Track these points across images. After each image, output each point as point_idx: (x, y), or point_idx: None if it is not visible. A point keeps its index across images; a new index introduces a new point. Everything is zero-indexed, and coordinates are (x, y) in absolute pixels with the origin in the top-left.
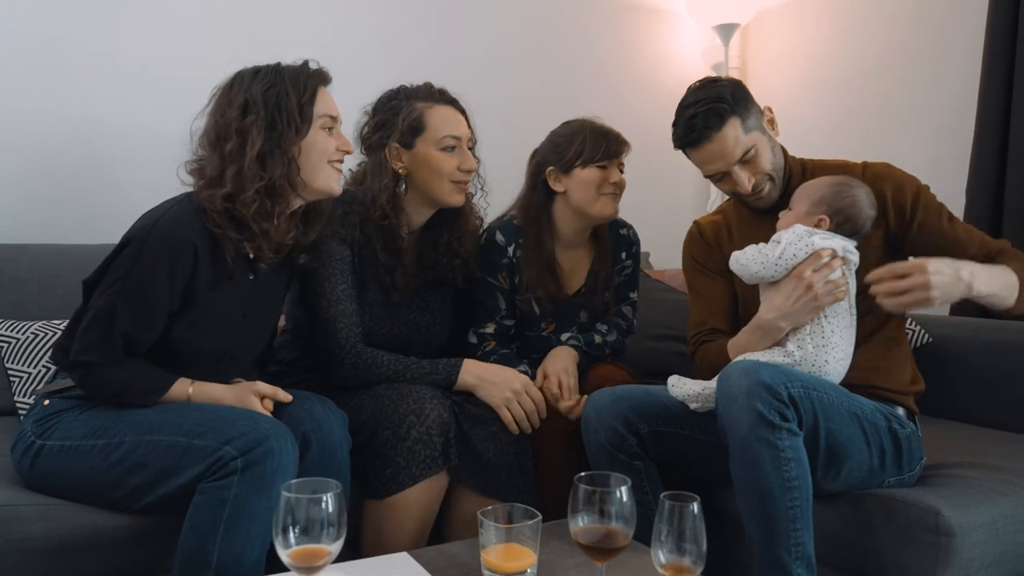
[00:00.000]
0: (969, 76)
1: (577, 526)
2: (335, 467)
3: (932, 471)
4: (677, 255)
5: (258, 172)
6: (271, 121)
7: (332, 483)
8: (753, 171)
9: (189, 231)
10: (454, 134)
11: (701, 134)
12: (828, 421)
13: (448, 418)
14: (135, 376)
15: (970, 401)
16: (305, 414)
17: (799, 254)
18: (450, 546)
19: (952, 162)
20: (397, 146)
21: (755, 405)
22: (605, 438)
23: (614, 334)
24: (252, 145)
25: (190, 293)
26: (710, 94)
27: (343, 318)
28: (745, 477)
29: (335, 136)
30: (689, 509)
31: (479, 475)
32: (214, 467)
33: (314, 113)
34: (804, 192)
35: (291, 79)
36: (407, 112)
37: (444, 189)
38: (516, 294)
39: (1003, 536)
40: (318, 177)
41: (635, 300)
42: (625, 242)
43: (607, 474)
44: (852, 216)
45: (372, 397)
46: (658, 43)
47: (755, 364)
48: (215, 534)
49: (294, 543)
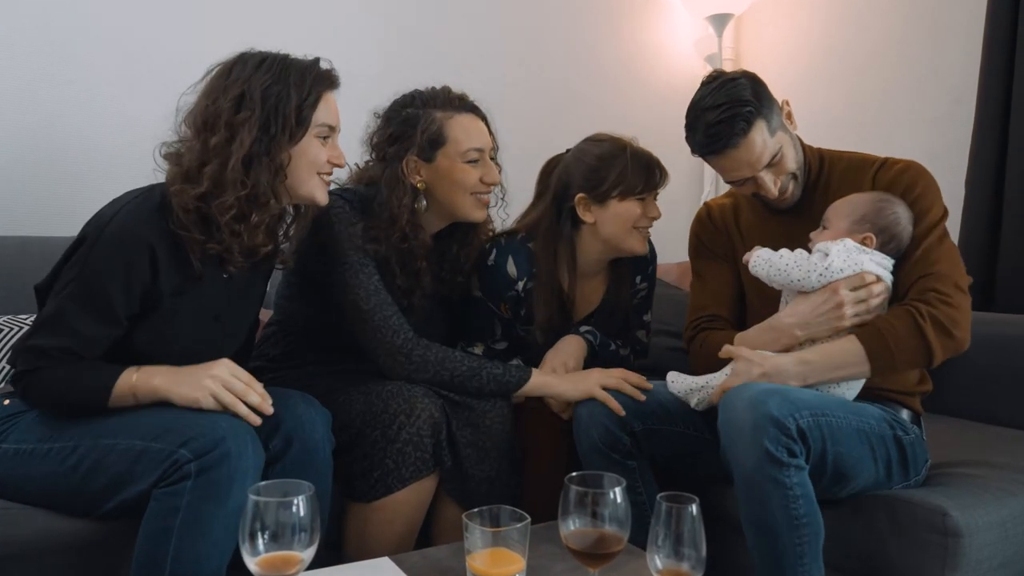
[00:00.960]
0: (968, 65)
1: (568, 530)
2: (316, 467)
3: (938, 470)
4: (670, 249)
5: (241, 177)
6: (265, 122)
7: (304, 485)
8: (779, 173)
9: (146, 231)
10: (477, 146)
11: (728, 142)
12: (836, 445)
13: (440, 417)
14: (79, 374)
15: (976, 398)
16: (287, 412)
17: (846, 269)
18: (435, 550)
19: (951, 152)
20: (416, 159)
21: (762, 442)
22: (597, 437)
23: (627, 350)
24: (240, 145)
25: (152, 298)
26: (732, 95)
27: (389, 306)
28: (751, 512)
29: (329, 146)
30: (688, 511)
31: (459, 484)
32: (169, 471)
33: (313, 120)
34: (841, 209)
35: (296, 78)
36: (426, 123)
37: (466, 204)
38: (516, 322)
39: (1013, 537)
40: (303, 187)
41: (649, 322)
42: (642, 263)
43: (600, 474)
44: (897, 235)
45: (361, 394)
46: (650, 33)
47: (762, 394)
48: (167, 545)
49: (263, 550)
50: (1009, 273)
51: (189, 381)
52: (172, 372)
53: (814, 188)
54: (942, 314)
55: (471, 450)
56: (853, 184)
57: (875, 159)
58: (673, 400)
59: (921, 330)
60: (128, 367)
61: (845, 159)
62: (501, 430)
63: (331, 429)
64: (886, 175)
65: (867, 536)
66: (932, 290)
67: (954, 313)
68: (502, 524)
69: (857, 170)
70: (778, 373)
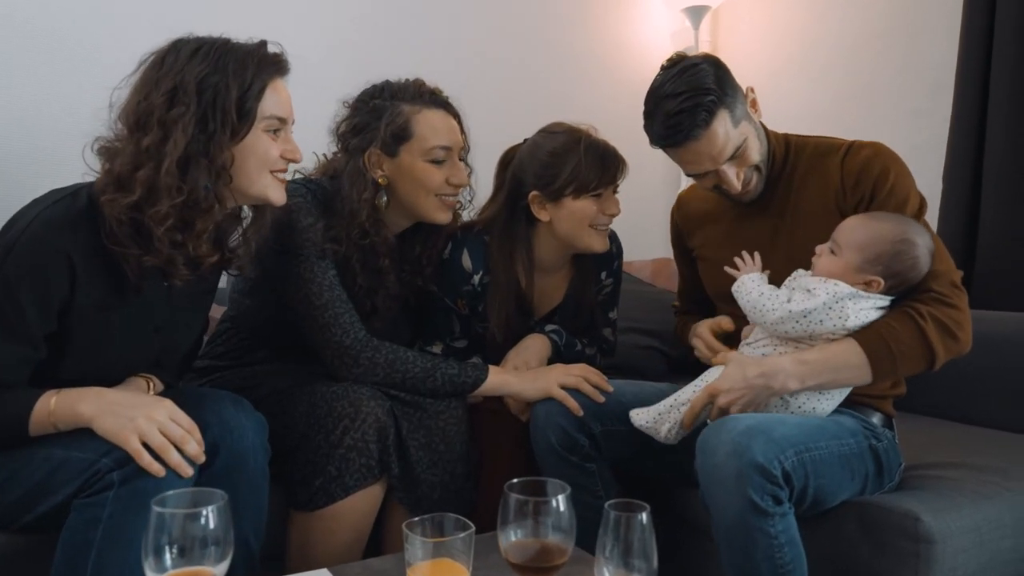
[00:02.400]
0: (946, 58)
1: (508, 541)
2: (247, 477)
3: (912, 472)
4: (646, 246)
5: (176, 182)
6: (202, 118)
7: (217, 494)
8: (741, 165)
9: (63, 239)
10: (444, 144)
11: (688, 133)
12: (819, 479)
13: (387, 421)
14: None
15: (952, 397)
16: (213, 417)
17: (827, 323)
18: (377, 561)
19: (930, 146)
20: (379, 153)
21: (746, 492)
22: (554, 439)
23: (593, 349)
24: (174, 146)
25: (72, 314)
26: (693, 82)
27: (342, 304)
28: (733, 561)
29: (281, 140)
30: (637, 519)
31: (409, 490)
32: (91, 481)
33: (259, 113)
34: (857, 237)
35: (236, 67)
36: (392, 116)
37: (429, 205)
38: (475, 319)
39: (988, 542)
40: (253, 187)
41: (615, 320)
42: (606, 259)
43: (543, 480)
44: (910, 279)
45: (305, 396)
46: (626, 26)
47: (744, 436)
48: (87, 559)
49: (170, 566)
50: (986, 269)
51: (120, 414)
52: (100, 399)
53: (779, 178)
54: (944, 315)
55: (422, 453)
56: (820, 171)
57: (840, 143)
58: (634, 400)
59: (923, 332)
60: (47, 391)
61: (811, 145)
62: (455, 432)
63: (266, 435)
64: (853, 162)
65: (838, 543)
66: (929, 290)
67: (956, 314)
68: (446, 533)
69: (823, 156)
70: (777, 373)
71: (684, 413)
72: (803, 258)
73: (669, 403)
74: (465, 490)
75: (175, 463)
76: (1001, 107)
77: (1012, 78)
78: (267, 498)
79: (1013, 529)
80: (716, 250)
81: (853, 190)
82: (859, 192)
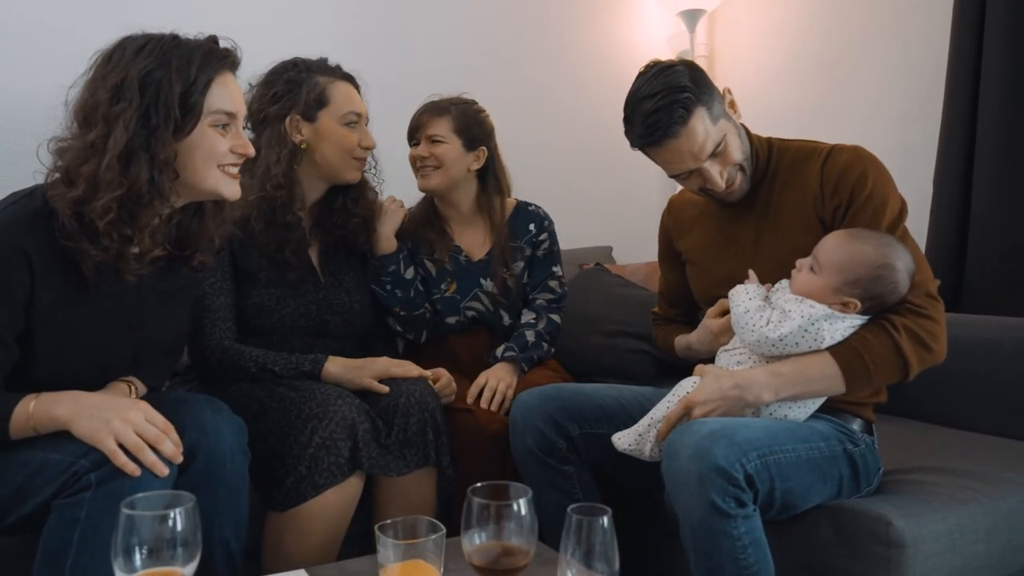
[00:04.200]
0: (937, 62)
1: (472, 544)
2: (225, 479)
3: (890, 477)
4: (640, 249)
5: (117, 176)
6: (145, 113)
7: (185, 496)
8: (724, 164)
9: (20, 238)
10: (356, 110)
11: (667, 131)
12: (785, 481)
13: (357, 418)
14: None
15: (939, 401)
16: (191, 421)
17: (802, 344)
18: (352, 562)
19: (920, 150)
20: (298, 118)
21: (708, 495)
22: (532, 442)
23: (543, 319)
24: (116, 140)
25: (35, 313)
26: (668, 82)
27: (208, 313)
28: (699, 562)
29: (232, 135)
30: (598, 523)
31: (391, 461)
32: (69, 482)
33: (204, 108)
34: (837, 260)
35: (180, 62)
36: (310, 85)
37: (344, 164)
38: (415, 257)
39: (960, 547)
40: (203, 182)
41: (560, 274)
42: (535, 216)
43: (506, 484)
44: (888, 301)
45: (275, 401)
46: (620, 29)
47: (706, 440)
48: (65, 559)
49: (140, 567)
50: (977, 273)
51: (96, 416)
52: (76, 402)
53: (762, 180)
54: (918, 327)
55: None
56: (800, 176)
57: (821, 148)
58: (612, 402)
59: (897, 344)
60: (26, 395)
61: (793, 148)
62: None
63: (245, 439)
64: (833, 167)
65: (810, 546)
66: (904, 301)
67: (930, 325)
68: (418, 535)
69: (804, 160)
70: (751, 384)
71: (660, 428)
72: (787, 260)
73: (647, 422)
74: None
75: (150, 463)
76: (992, 109)
77: (1002, 80)
78: (247, 500)
79: (987, 534)
80: (704, 253)
81: (832, 195)
82: (837, 197)
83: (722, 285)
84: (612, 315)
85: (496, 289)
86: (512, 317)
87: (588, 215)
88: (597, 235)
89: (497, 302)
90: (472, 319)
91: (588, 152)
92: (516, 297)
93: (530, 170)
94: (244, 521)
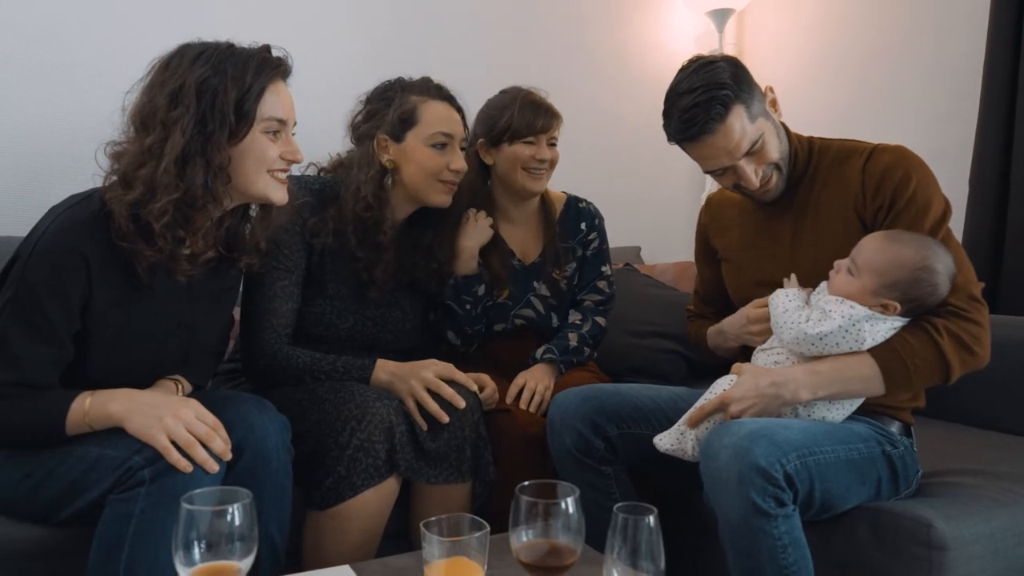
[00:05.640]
0: (973, 61)
1: (520, 542)
2: (271, 476)
3: (929, 479)
4: (669, 250)
5: (174, 180)
6: (201, 119)
7: (241, 492)
8: (760, 162)
9: (78, 241)
10: (446, 131)
11: (703, 127)
12: (824, 482)
13: (395, 420)
14: (31, 409)
15: (974, 402)
16: (238, 419)
17: (843, 345)
18: (395, 559)
19: (956, 150)
20: (386, 138)
21: (748, 494)
22: (570, 443)
23: (588, 322)
24: (173, 145)
25: (93, 313)
26: (708, 78)
27: (272, 316)
28: (738, 562)
29: (282, 142)
30: (645, 522)
31: (426, 468)
32: (123, 478)
33: (258, 115)
34: (876, 262)
35: (236, 71)
36: (400, 103)
37: (430, 188)
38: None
39: (1003, 550)
40: (253, 187)
41: (608, 274)
42: (586, 215)
43: (553, 483)
44: (928, 304)
45: (315, 403)
46: (649, 29)
47: (746, 440)
48: (120, 553)
49: (198, 560)
50: (1014, 274)
51: (149, 414)
52: (130, 399)
53: (800, 179)
54: (961, 329)
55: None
56: (841, 176)
57: (864, 148)
58: (649, 403)
59: (939, 347)
60: (81, 392)
61: (835, 148)
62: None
63: (289, 436)
64: (875, 168)
65: (849, 549)
66: (946, 303)
67: (973, 328)
68: (462, 533)
69: (846, 160)
70: (788, 382)
71: (691, 414)
72: (826, 261)
73: (682, 424)
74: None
75: (201, 459)
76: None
77: None
78: (290, 497)
79: None
80: (741, 252)
81: (873, 196)
82: (879, 198)
83: (758, 285)
84: (642, 315)
85: (549, 292)
86: (560, 319)
87: (617, 215)
88: (626, 235)
89: (549, 306)
90: (519, 327)
91: (616, 152)
92: (566, 299)
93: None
94: (288, 518)
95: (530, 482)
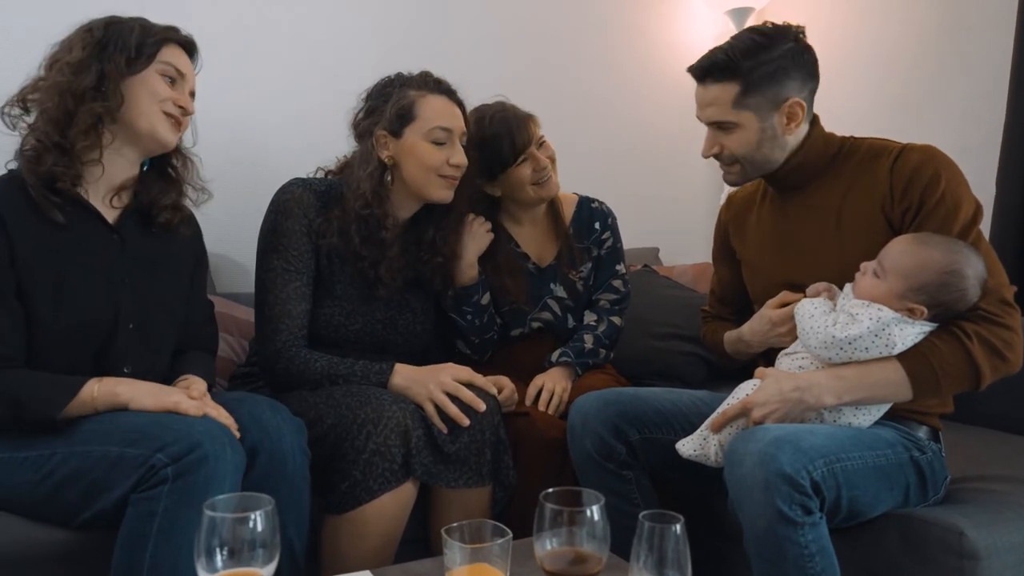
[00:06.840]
0: (999, 61)
1: (544, 550)
2: (287, 479)
3: (958, 485)
4: (687, 251)
5: (68, 77)
6: (102, 42)
7: (264, 499)
8: (722, 144)
9: None
10: (445, 126)
11: (696, 70)
12: (852, 489)
13: (411, 424)
14: (27, 385)
15: (1003, 407)
16: (252, 422)
17: (872, 350)
18: (416, 564)
19: (983, 149)
20: (385, 134)
21: (774, 502)
22: (591, 447)
23: (604, 323)
24: (73, 56)
25: (24, 264)
26: (740, 45)
27: (287, 319)
28: (764, 571)
29: (177, 91)
30: (671, 530)
31: (444, 472)
32: (146, 476)
33: (157, 57)
34: (903, 265)
35: (143, 23)
36: (398, 99)
37: (430, 183)
38: None
39: None
40: (141, 118)
41: (623, 272)
42: (599, 215)
43: (578, 490)
44: (956, 309)
45: (331, 406)
46: (667, 28)
47: (771, 446)
48: (144, 551)
49: (221, 567)
50: None
51: (158, 396)
52: (135, 385)
53: (823, 177)
54: (992, 334)
55: (445, 437)
56: (868, 176)
57: (892, 147)
58: (671, 407)
59: (969, 352)
60: (91, 379)
61: (864, 147)
62: (488, 411)
63: (305, 439)
64: (903, 168)
65: (877, 555)
66: (977, 308)
67: (1005, 333)
68: (484, 539)
69: (873, 160)
70: (812, 387)
71: (713, 419)
72: (853, 262)
73: (704, 429)
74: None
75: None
76: None
77: None
78: (308, 500)
79: None
80: (762, 253)
81: (902, 198)
82: (907, 200)
83: (780, 287)
84: (661, 317)
85: (565, 293)
86: (576, 320)
87: (635, 216)
88: (644, 237)
89: (566, 307)
90: (537, 329)
91: (634, 153)
92: (583, 300)
93: (577, 171)
94: (306, 521)
95: (554, 489)
